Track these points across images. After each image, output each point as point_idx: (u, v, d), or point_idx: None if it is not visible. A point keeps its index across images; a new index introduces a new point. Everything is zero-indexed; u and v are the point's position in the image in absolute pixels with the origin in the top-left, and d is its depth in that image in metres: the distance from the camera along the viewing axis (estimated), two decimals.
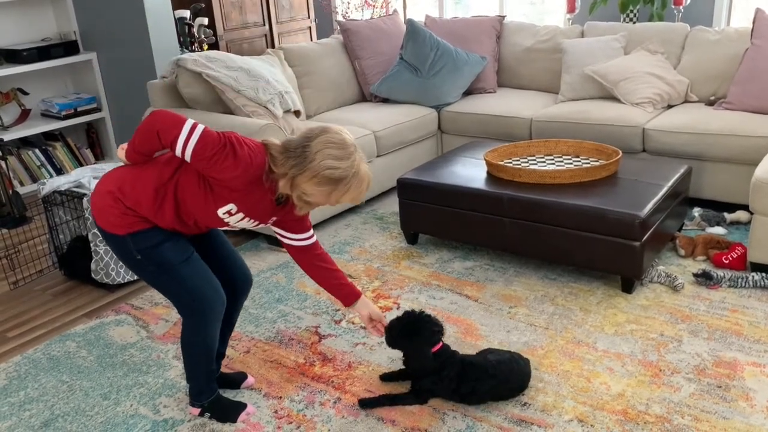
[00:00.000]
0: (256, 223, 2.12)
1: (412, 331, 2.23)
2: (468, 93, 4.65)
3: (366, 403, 2.30)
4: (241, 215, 2.04)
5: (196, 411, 2.32)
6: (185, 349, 2.22)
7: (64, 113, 4.93)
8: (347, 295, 2.31)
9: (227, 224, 2.09)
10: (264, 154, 1.95)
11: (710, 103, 3.92)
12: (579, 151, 3.47)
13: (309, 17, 6.21)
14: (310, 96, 4.40)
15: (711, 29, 4.13)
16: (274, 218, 2.14)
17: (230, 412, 2.30)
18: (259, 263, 3.43)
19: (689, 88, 4.05)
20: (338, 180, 1.91)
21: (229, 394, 2.40)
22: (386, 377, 2.44)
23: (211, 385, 2.30)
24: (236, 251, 2.37)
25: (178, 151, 1.91)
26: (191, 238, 2.15)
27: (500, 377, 2.25)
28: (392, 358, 2.55)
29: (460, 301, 2.94)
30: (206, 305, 2.12)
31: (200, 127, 1.91)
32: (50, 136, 5.02)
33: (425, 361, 2.24)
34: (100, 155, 5.32)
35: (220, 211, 2.01)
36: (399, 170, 4.24)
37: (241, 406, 2.31)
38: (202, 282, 2.11)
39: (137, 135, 1.97)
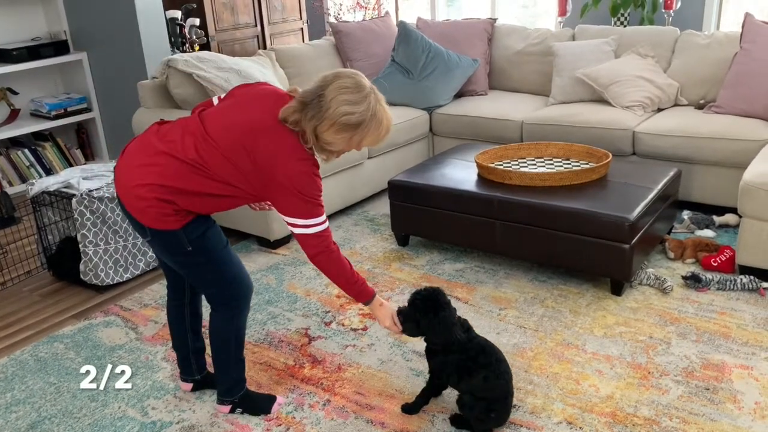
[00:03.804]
0: None
1: (436, 307, 2.05)
2: (459, 95, 4.66)
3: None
4: None
5: (226, 409, 2.30)
6: (219, 342, 2.20)
7: (54, 113, 4.91)
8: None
9: None
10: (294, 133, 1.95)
11: (700, 107, 3.94)
12: (569, 154, 3.48)
13: (301, 18, 6.21)
14: None
15: (701, 33, 4.16)
16: None
17: (262, 404, 2.30)
18: (249, 265, 3.42)
19: (679, 92, 4.07)
20: (356, 125, 1.90)
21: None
22: (408, 409, 2.28)
23: (241, 379, 2.29)
24: None
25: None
26: None
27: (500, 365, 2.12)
28: (382, 360, 2.55)
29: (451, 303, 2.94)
30: (243, 291, 2.15)
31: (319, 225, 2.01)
32: (40, 136, 4.99)
33: (454, 335, 2.07)
34: (90, 155, 5.29)
35: None
36: (390, 172, 4.24)
37: (272, 398, 2.32)
38: (239, 269, 2.15)
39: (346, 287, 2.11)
